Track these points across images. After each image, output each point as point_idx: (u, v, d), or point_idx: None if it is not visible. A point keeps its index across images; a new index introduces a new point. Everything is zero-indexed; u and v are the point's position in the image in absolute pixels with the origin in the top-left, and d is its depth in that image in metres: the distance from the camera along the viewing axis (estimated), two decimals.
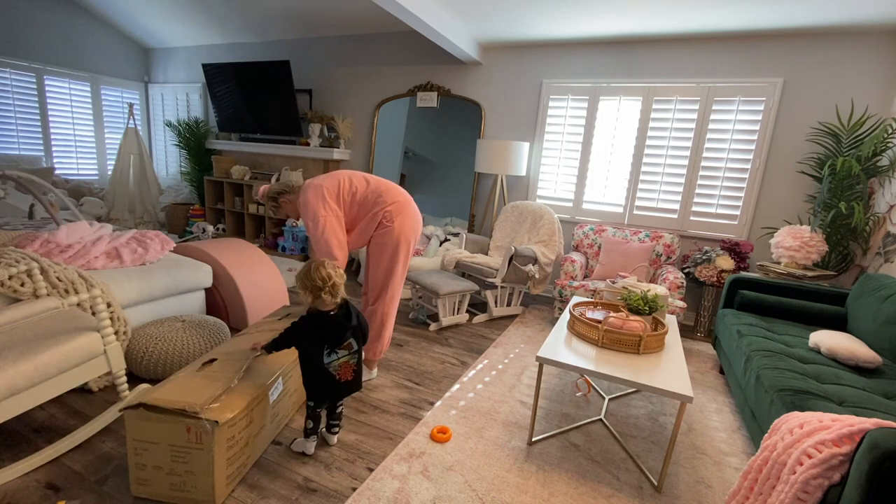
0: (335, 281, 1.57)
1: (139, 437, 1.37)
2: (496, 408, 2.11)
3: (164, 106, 6.15)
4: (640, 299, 2.06)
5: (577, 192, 3.92)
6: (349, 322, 1.61)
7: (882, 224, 2.76)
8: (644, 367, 1.71)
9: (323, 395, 1.63)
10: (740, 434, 2.06)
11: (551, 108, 3.91)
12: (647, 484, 1.67)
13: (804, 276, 2.75)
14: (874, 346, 2.08)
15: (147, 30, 5.59)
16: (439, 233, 4.08)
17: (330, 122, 4.79)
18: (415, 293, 3.18)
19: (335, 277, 1.57)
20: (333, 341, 1.59)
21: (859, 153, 2.82)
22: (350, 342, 1.63)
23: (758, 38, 3.20)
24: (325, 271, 1.56)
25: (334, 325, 1.58)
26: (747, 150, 3.31)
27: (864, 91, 2.98)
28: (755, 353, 1.99)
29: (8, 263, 1.77)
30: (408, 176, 4.66)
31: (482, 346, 2.85)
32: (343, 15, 4.24)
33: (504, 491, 1.57)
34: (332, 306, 1.60)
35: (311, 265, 1.58)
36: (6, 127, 4.93)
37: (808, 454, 1.16)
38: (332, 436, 1.76)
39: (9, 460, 1.52)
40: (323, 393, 1.63)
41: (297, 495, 1.49)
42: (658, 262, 3.40)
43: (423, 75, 4.40)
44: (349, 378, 1.65)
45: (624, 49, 3.59)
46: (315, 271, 1.56)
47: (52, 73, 5.22)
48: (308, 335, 1.58)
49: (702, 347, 3.13)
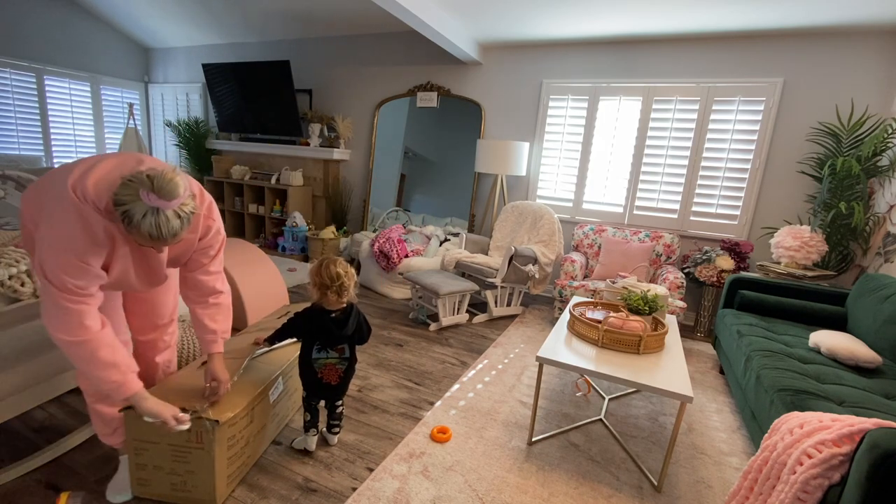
0: (344, 282, 1.56)
1: (140, 436, 1.37)
2: (496, 408, 2.11)
3: (164, 106, 6.15)
4: (640, 299, 2.06)
5: (577, 192, 3.92)
6: (343, 330, 1.58)
7: (882, 224, 2.76)
8: (644, 367, 1.72)
9: (309, 388, 1.64)
10: (740, 434, 2.06)
11: (551, 108, 3.91)
12: (647, 484, 1.67)
13: (804, 276, 2.75)
14: (874, 346, 2.08)
15: (147, 30, 5.59)
16: (439, 233, 4.08)
17: (330, 122, 4.80)
18: (415, 293, 3.18)
19: (344, 278, 1.56)
20: (325, 341, 1.60)
21: (859, 153, 2.82)
22: (343, 347, 1.63)
23: (758, 38, 3.20)
24: (334, 270, 1.56)
25: (330, 327, 1.58)
26: (747, 150, 3.31)
27: (864, 91, 2.98)
28: (755, 353, 1.99)
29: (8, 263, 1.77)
30: (408, 176, 4.66)
31: (482, 346, 2.85)
32: (343, 15, 4.24)
33: (504, 491, 1.57)
34: (337, 307, 1.60)
35: (323, 262, 1.57)
36: (6, 127, 4.93)
37: (809, 454, 1.16)
38: (333, 436, 1.76)
39: (9, 460, 1.52)
40: (308, 386, 1.64)
41: (297, 495, 1.49)
42: (658, 262, 3.40)
43: (423, 75, 4.40)
44: (333, 382, 1.63)
45: (624, 49, 3.59)
46: (325, 269, 1.55)
47: (52, 73, 5.21)
48: (303, 327, 1.60)
49: (702, 347, 3.13)
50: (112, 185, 1.10)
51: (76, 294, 1.12)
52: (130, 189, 1.05)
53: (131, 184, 1.06)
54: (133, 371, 1.22)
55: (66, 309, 1.11)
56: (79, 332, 1.13)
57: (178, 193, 1.08)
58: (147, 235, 1.08)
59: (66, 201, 1.09)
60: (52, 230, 1.09)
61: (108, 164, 1.16)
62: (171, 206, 1.08)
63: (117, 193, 1.06)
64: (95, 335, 1.15)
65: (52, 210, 1.10)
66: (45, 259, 1.08)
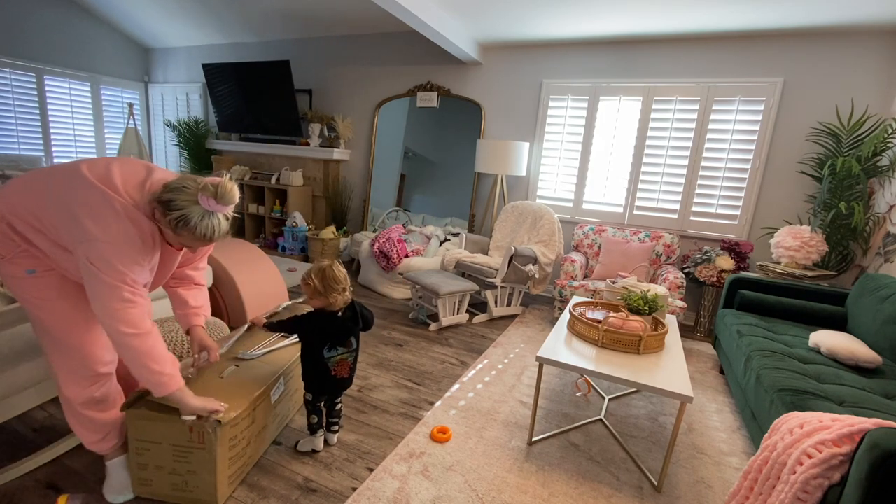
0: (348, 282, 1.60)
1: (141, 436, 1.37)
2: (496, 408, 2.11)
3: (164, 106, 6.15)
4: (640, 299, 2.06)
5: (577, 192, 3.92)
6: (356, 325, 1.64)
7: (882, 224, 2.76)
8: (644, 367, 1.72)
9: (319, 387, 1.64)
10: (740, 434, 2.06)
11: (551, 108, 3.91)
12: (647, 484, 1.67)
13: (804, 276, 2.75)
14: (874, 346, 2.08)
15: (147, 30, 5.59)
16: (439, 233, 4.08)
17: (330, 122, 4.80)
18: (415, 293, 3.18)
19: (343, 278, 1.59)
20: (336, 340, 1.61)
21: (859, 153, 2.82)
22: (351, 340, 1.65)
23: (758, 38, 3.20)
24: (339, 272, 1.57)
25: (342, 326, 1.60)
26: (747, 150, 3.31)
27: (864, 91, 2.99)
28: (755, 353, 1.99)
29: None
30: (408, 176, 4.66)
31: (482, 346, 2.85)
32: (343, 15, 4.24)
33: (504, 491, 1.57)
34: (343, 306, 1.60)
35: (325, 267, 1.57)
36: (6, 127, 4.93)
37: (808, 454, 1.16)
38: (333, 435, 1.76)
39: (9, 460, 1.52)
40: (319, 386, 1.64)
41: (297, 495, 1.49)
42: (658, 262, 3.40)
43: (423, 75, 4.40)
44: (345, 375, 1.66)
45: (624, 49, 3.59)
46: (329, 274, 1.55)
47: (52, 73, 5.21)
48: (313, 331, 1.59)
49: (702, 347, 3.13)
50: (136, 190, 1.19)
51: (139, 288, 1.18)
52: (186, 195, 1.15)
53: (186, 190, 1.15)
54: (178, 366, 1.29)
55: (131, 302, 1.16)
56: (142, 324, 1.18)
57: (236, 200, 1.21)
58: (201, 237, 1.18)
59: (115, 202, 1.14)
60: (108, 228, 1.13)
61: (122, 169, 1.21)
62: (226, 210, 1.20)
63: (174, 199, 1.14)
64: (154, 328, 1.22)
65: (97, 210, 1.13)
66: (106, 254, 1.12)
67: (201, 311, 1.54)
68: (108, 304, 1.14)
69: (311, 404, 1.67)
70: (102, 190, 1.14)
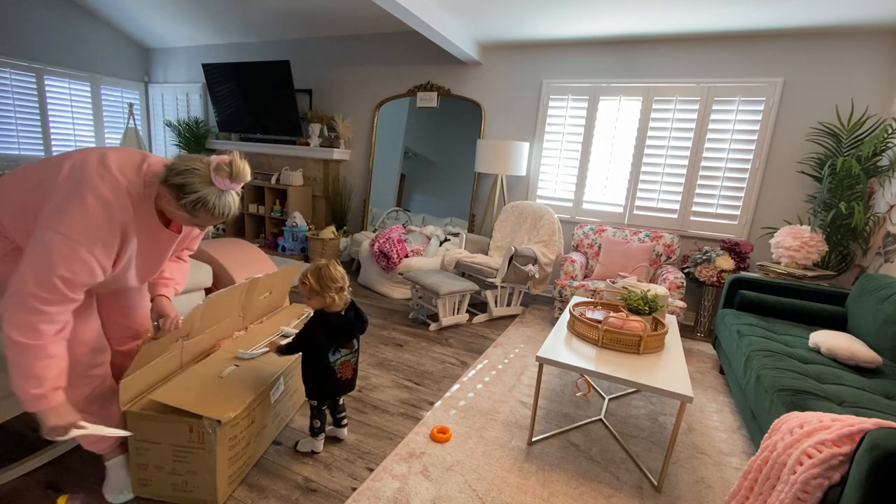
0: (346, 281, 1.58)
1: (141, 436, 1.37)
2: (496, 408, 2.11)
3: (164, 106, 6.15)
4: (640, 299, 2.06)
5: (577, 192, 3.92)
6: (361, 323, 1.65)
7: (882, 224, 2.76)
8: (644, 367, 1.72)
9: (324, 392, 1.64)
10: (740, 434, 2.06)
11: (551, 108, 3.91)
12: (647, 484, 1.67)
13: (804, 276, 2.75)
14: (874, 346, 2.08)
15: (147, 30, 5.59)
16: (439, 233, 4.08)
17: (330, 122, 4.80)
18: (415, 293, 3.18)
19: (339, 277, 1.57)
20: (341, 341, 1.61)
21: (859, 153, 2.82)
22: (353, 341, 1.65)
23: (758, 38, 3.20)
24: (336, 271, 1.56)
25: (347, 326, 1.60)
26: (747, 150, 3.31)
27: (864, 91, 2.99)
28: (755, 353, 1.99)
29: None
30: (408, 176, 4.66)
31: (482, 346, 2.85)
32: (343, 15, 4.24)
33: (504, 491, 1.57)
34: (343, 306, 1.60)
35: (321, 266, 1.56)
36: (6, 127, 4.93)
37: (808, 454, 1.16)
38: (343, 429, 1.76)
39: (9, 460, 1.51)
40: (324, 390, 1.63)
41: (297, 495, 1.49)
42: (658, 262, 3.40)
43: (423, 75, 4.40)
44: (349, 376, 1.66)
45: (624, 49, 3.59)
46: (326, 272, 1.54)
47: (52, 73, 5.21)
48: (322, 335, 1.56)
49: (702, 347, 3.13)
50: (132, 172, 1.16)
51: (56, 295, 1.06)
52: (198, 177, 1.14)
53: (197, 172, 1.14)
54: (59, 388, 1.11)
55: (33, 309, 1.05)
56: (31, 334, 1.05)
57: (249, 177, 1.22)
58: (220, 216, 1.19)
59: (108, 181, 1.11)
60: (69, 215, 1.06)
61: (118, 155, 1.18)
62: (238, 187, 1.21)
63: (188, 183, 1.13)
64: (44, 342, 1.07)
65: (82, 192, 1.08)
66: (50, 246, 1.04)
67: (171, 283, 1.48)
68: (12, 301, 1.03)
69: (316, 409, 1.66)
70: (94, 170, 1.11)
